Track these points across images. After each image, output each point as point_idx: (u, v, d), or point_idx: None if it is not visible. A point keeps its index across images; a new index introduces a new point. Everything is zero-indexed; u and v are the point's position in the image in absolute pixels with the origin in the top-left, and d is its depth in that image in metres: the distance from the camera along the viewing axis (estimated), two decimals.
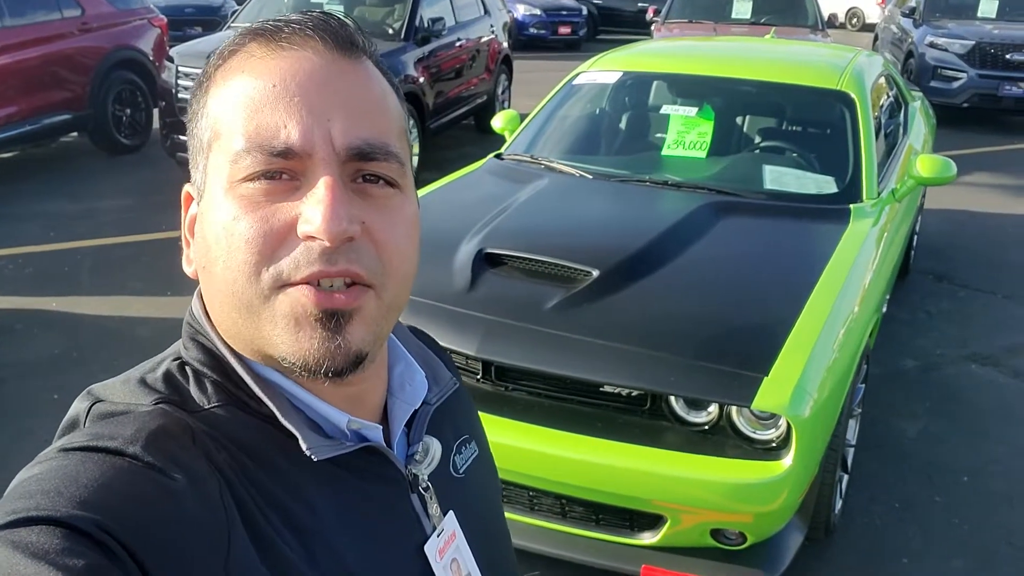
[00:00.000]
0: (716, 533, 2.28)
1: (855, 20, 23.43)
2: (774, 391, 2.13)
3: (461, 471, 0.79)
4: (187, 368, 0.66)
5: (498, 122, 4.10)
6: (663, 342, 2.31)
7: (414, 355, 0.78)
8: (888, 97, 4.29)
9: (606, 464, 2.27)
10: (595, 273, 2.55)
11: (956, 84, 9.46)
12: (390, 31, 7.05)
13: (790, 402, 2.12)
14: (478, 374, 2.47)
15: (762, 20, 9.34)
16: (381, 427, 0.69)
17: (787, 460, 2.16)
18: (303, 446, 0.63)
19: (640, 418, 2.33)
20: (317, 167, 0.61)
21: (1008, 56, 9.27)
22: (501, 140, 4.02)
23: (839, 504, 2.82)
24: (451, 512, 0.74)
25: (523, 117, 4.12)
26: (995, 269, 5.35)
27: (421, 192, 3.49)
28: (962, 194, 6.71)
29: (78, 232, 5.41)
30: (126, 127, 7.39)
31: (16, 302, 4.43)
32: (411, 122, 6.73)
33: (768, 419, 2.22)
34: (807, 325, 2.35)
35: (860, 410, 3.05)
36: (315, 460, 0.63)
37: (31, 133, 6.64)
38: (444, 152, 7.71)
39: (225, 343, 0.66)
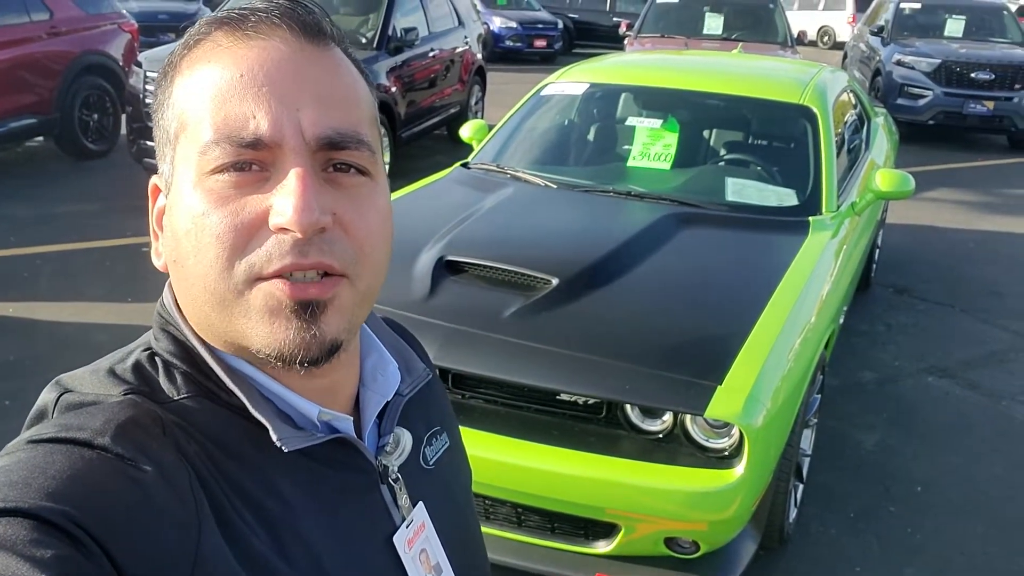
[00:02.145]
0: (670, 542, 2.29)
1: (826, 38, 23.76)
2: (727, 400, 2.15)
3: (431, 463, 0.79)
4: (157, 359, 0.65)
5: (466, 131, 4.12)
6: (619, 351, 2.32)
7: (387, 346, 0.78)
8: (851, 113, 4.35)
9: (562, 472, 2.27)
10: (554, 281, 2.56)
11: (922, 102, 9.63)
12: (363, 40, 7.05)
13: (743, 411, 2.14)
14: None
15: (733, 36, 9.45)
16: (352, 418, 0.69)
17: (739, 468, 2.17)
18: (273, 436, 0.62)
19: (596, 426, 2.34)
20: (287, 157, 0.60)
21: (973, 75, 9.46)
22: (472, 151, 4.03)
23: (793, 513, 2.85)
24: (420, 503, 0.75)
25: (493, 127, 4.14)
26: (954, 283, 5.44)
27: None
28: (926, 210, 6.83)
29: (39, 237, 5.34)
30: (93, 132, 7.32)
31: None
32: (383, 131, 6.72)
33: (721, 428, 2.23)
34: (762, 335, 2.37)
35: (816, 420, 3.08)
36: (285, 451, 0.63)
37: (4, 136, 6.55)
38: (416, 162, 7.70)
39: (196, 334, 0.65)
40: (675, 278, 2.74)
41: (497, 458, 2.31)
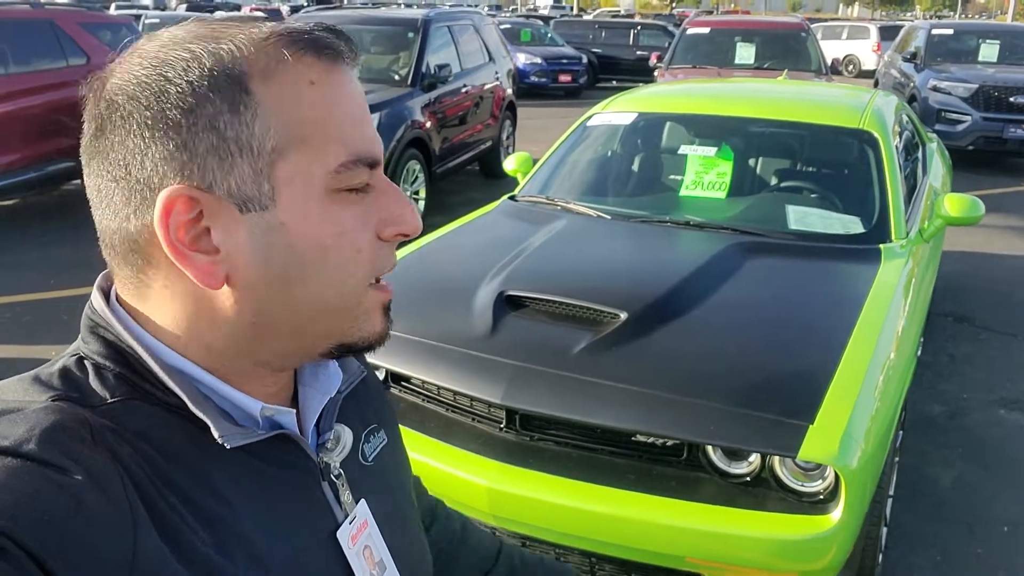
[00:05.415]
0: None
1: (851, 67, 23.79)
2: (821, 440, 2.00)
3: (370, 459, 0.80)
4: (86, 362, 0.63)
5: (511, 164, 4.03)
6: (699, 388, 2.19)
7: None
8: (907, 137, 4.22)
9: (639, 519, 2.13)
10: (623, 315, 2.44)
11: (960, 127, 9.48)
12: (396, 77, 7.05)
13: (839, 452, 1.99)
14: (502, 423, 2.34)
15: (765, 65, 9.38)
16: (294, 411, 0.70)
17: (836, 514, 2.02)
18: (215, 433, 0.62)
19: (676, 469, 2.20)
20: (379, 176, 0.67)
21: (1012, 99, 9.31)
22: (505, 186, 3.95)
23: (879, 558, 2.67)
24: (363, 500, 0.75)
25: (535, 160, 4.05)
26: (1014, 311, 5.26)
27: (434, 235, 3.39)
28: (975, 236, 6.64)
29: (78, 280, 5.30)
30: None
31: (13, 351, 4.31)
32: (417, 167, 6.68)
33: (814, 470, 2.08)
34: (849, 370, 2.23)
35: (897, 458, 2.91)
36: (227, 448, 0.63)
37: (34, 180, 6.58)
38: (449, 197, 7.67)
39: (135, 335, 0.63)
40: (750, 310, 2.60)
41: (569, 503, 2.18)
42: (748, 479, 2.14)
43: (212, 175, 0.60)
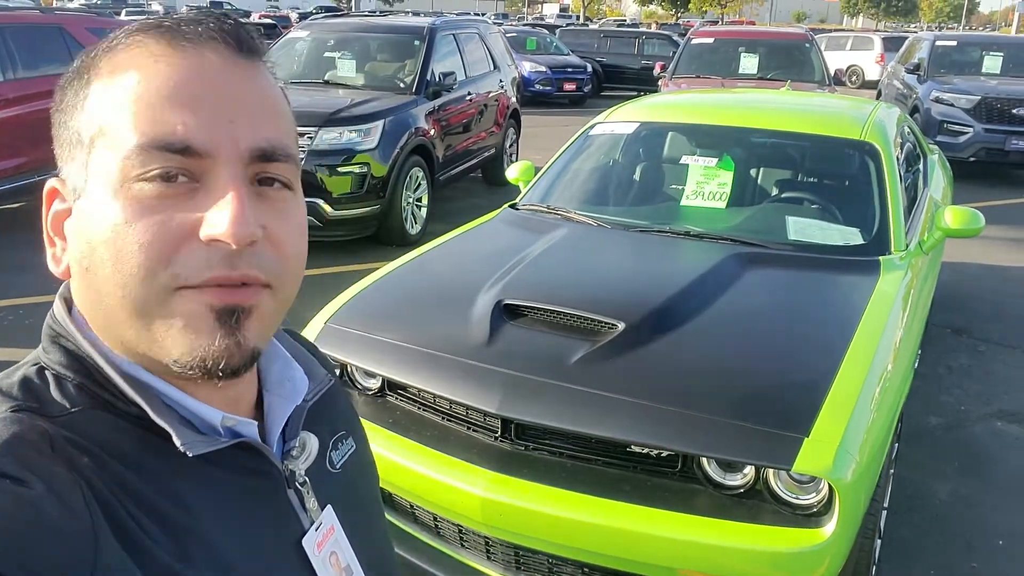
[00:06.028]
0: None
1: (855, 78, 23.84)
2: (815, 453, 2.01)
3: (337, 466, 0.80)
4: (47, 372, 0.63)
5: (513, 172, 4.05)
6: (695, 399, 2.20)
7: (289, 352, 0.79)
8: (908, 149, 4.23)
9: (633, 530, 2.13)
10: (620, 326, 2.45)
11: (963, 138, 9.49)
12: (401, 84, 7.07)
13: (833, 465, 1.99)
14: (497, 432, 2.35)
15: (768, 76, 9.40)
16: (256, 422, 0.69)
17: (829, 527, 2.02)
18: (177, 442, 0.61)
19: (670, 480, 2.20)
20: (219, 169, 0.60)
21: (1014, 111, 9.32)
22: (508, 193, 3.97)
23: (873, 571, 2.67)
24: (329, 506, 0.75)
25: (537, 169, 4.07)
26: (1014, 323, 5.26)
27: (435, 242, 3.41)
28: (975, 247, 6.65)
29: None
30: None
31: (15, 354, 4.32)
32: (420, 173, 6.70)
33: (808, 482, 2.09)
34: (846, 382, 2.23)
35: (893, 471, 2.92)
36: (190, 456, 0.62)
37: (41, 184, 6.60)
38: (452, 204, 7.69)
39: (94, 344, 0.64)
40: (748, 321, 2.61)
41: (563, 514, 2.18)
42: (742, 491, 2.14)
43: (66, 165, 0.64)
